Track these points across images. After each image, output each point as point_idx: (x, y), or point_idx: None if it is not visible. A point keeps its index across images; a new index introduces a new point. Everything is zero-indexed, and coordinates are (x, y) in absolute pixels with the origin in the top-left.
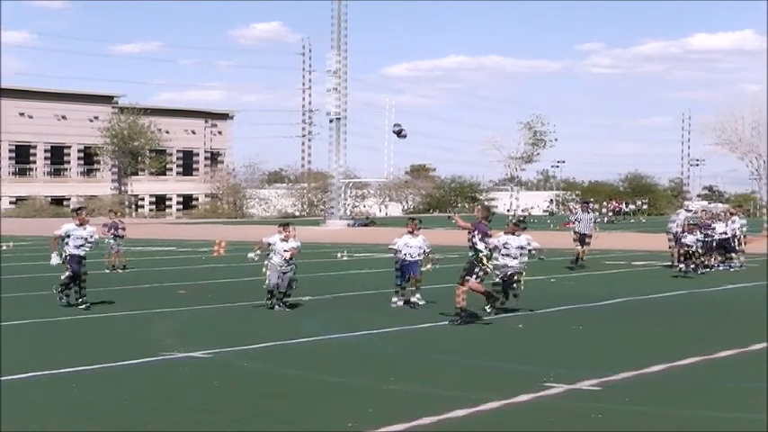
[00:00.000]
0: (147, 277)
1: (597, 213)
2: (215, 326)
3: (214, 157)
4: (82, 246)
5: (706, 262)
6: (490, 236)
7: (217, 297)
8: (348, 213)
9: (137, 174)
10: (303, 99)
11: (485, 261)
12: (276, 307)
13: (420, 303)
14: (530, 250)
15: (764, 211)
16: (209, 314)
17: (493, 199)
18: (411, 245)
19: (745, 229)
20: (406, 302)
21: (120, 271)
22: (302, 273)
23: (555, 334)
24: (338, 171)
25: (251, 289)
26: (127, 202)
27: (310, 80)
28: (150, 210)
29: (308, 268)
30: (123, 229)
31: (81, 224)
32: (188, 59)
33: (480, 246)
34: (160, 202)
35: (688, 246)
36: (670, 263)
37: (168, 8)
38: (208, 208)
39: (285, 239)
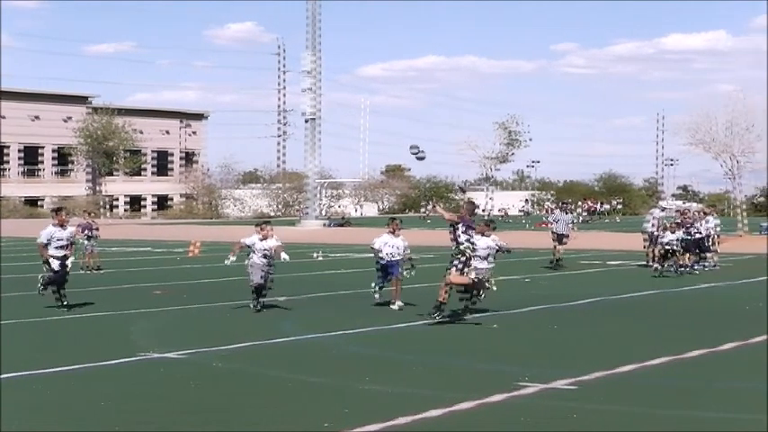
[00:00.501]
0: (123, 278)
1: (575, 214)
2: (191, 326)
3: (189, 158)
4: (65, 246)
5: (681, 261)
6: (474, 230)
7: (192, 297)
8: (323, 214)
9: (111, 174)
10: (279, 99)
11: (467, 253)
12: (261, 308)
13: (395, 309)
14: (498, 249)
15: (738, 211)
16: (185, 315)
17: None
18: (392, 245)
19: (719, 228)
20: (386, 302)
21: (95, 271)
22: (278, 273)
23: (529, 334)
24: (313, 171)
25: (227, 289)
26: (101, 203)
27: (284, 80)
28: (125, 210)
29: (284, 268)
30: (97, 229)
31: (60, 225)
32: (163, 60)
33: (463, 239)
34: (135, 202)
35: (668, 245)
36: (645, 262)
37: (142, 8)
38: (183, 208)
39: (264, 238)
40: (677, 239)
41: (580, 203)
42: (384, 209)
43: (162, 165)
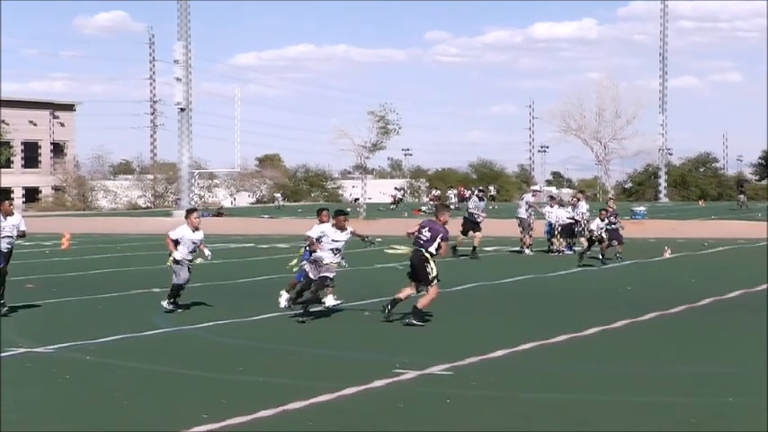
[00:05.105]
0: None
1: (486, 201)
2: (61, 320)
3: (58, 149)
4: (8, 237)
5: (556, 246)
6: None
7: (62, 291)
8: (197, 203)
9: None
10: (152, 89)
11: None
12: (167, 304)
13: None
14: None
15: (609, 196)
16: (55, 308)
17: (338, 187)
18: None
19: (588, 214)
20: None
21: None
22: (151, 264)
23: (401, 321)
24: (186, 161)
25: (97, 282)
26: None
27: (154, 70)
28: None
29: (157, 260)
30: None
31: (5, 214)
32: (29, 50)
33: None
34: (3, 195)
35: (594, 231)
36: (519, 248)
37: None
38: (52, 201)
39: (195, 229)
40: (602, 228)
41: (450, 190)
42: (262, 198)
43: (30, 156)
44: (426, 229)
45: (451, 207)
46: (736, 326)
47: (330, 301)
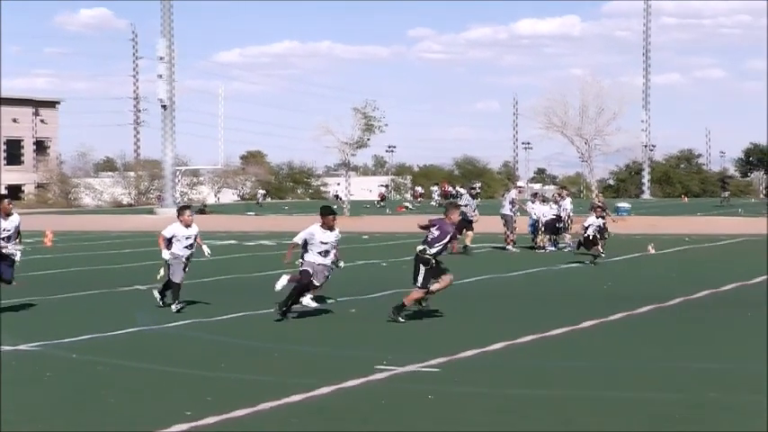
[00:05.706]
0: None
1: (479, 199)
2: (44, 317)
3: (41, 147)
4: (7, 238)
5: (541, 243)
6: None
7: (45, 288)
8: (181, 200)
9: None
10: (135, 86)
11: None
12: (174, 306)
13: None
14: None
15: (592, 194)
16: (38, 306)
17: (324, 185)
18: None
19: (571, 212)
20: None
21: None
22: (135, 261)
23: (387, 318)
24: (169, 158)
25: (79, 280)
26: None
27: (137, 67)
28: None
29: (141, 257)
30: None
31: (5, 214)
32: (12, 46)
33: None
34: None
35: (589, 229)
36: (502, 245)
37: None
38: (33, 198)
39: (187, 226)
40: (598, 225)
41: (433, 187)
42: (245, 195)
43: (13, 154)
44: (436, 227)
45: (433, 204)
46: (714, 322)
47: (307, 300)
